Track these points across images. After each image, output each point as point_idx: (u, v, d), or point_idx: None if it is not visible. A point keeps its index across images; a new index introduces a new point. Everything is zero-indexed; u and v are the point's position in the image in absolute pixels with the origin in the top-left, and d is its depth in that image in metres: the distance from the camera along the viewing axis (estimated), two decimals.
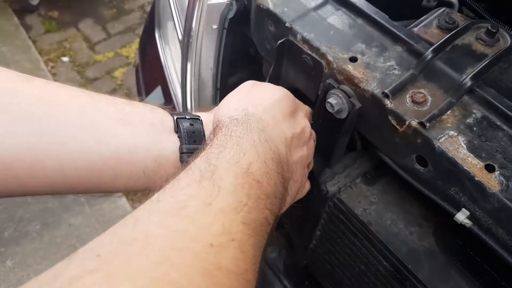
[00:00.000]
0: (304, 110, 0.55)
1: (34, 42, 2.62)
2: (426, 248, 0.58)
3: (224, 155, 0.37)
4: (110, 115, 0.42)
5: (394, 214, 0.60)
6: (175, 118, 0.47)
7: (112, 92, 2.41)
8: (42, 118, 0.38)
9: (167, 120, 0.47)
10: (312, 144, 0.55)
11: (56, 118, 0.39)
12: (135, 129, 0.43)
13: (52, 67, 2.51)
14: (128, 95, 2.38)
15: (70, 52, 2.60)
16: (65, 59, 2.56)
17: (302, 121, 0.52)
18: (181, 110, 0.90)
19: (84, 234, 1.80)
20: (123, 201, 1.91)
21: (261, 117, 0.45)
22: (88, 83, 2.45)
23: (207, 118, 0.50)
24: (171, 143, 0.45)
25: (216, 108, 0.50)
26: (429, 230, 0.59)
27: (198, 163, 0.37)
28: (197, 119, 0.49)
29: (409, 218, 0.60)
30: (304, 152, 0.50)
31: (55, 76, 2.46)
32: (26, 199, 1.89)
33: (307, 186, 0.56)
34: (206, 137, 0.47)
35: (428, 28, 0.57)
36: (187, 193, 0.33)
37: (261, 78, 0.78)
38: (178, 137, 0.46)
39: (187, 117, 0.48)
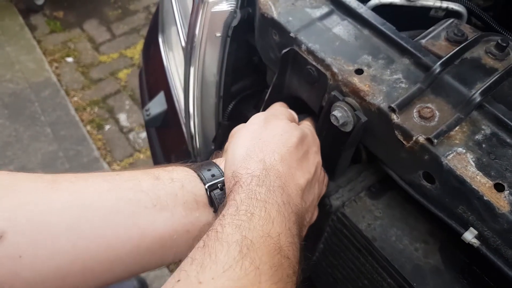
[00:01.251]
0: (316, 144, 0.54)
1: (38, 42, 2.62)
2: (431, 265, 0.56)
3: (255, 224, 0.37)
4: (142, 203, 0.42)
5: (399, 230, 0.59)
6: (207, 188, 0.46)
7: (116, 93, 2.40)
8: (79, 226, 0.39)
9: (199, 193, 0.46)
10: (323, 177, 0.55)
11: (92, 222, 0.40)
12: (170, 214, 0.44)
13: (57, 68, 2.51)
14: (132, 97, 2.38)
15: (75, 53, 2.60)
16: (70, 59, 2.56)
17: (315, 160, 0.51)
18: (183, 116, 0.89)
19: None
20: None
21: (279, 170, 0.44)
22: (92, 84, 2.45)
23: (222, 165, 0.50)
24: (208, 216, 0.46)
25: (228, 153, 0.48)
26: (435, 246, 0.58)
27: (230, 232, 0.36)
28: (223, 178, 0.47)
29: (415, 234, 0.58)
30: (316, 191, 0.50)
31: (59, 77, 2.46)
32: None
33: (316, 213, 0.55)
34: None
35: (436, 40, 0.55)
36: (230, 277, 0.33)
37: (264, 86, 0.77)
38: (214, 211, 0.46)
39: (218, 184, 0.47)
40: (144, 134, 2.22)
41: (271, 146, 0.46)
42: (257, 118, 0.51)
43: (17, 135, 2.14)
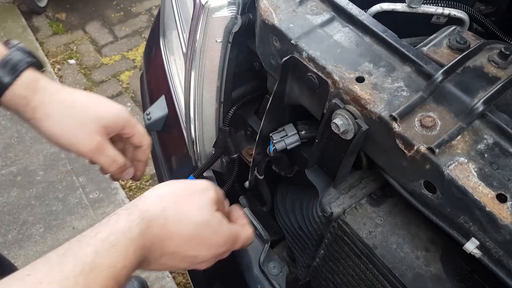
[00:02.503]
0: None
1: (41, 44, 2.63)
2: (433, 274, 0.56)
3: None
4: None
5: (400, 237, 0.58)
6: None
7: (118, 95, 2.41)
8: None
9: None
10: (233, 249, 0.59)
11: None
12: None
13: (59, 70, 2.52)
14: (133, 99, 2.38)
15: (77, 55, 2.60)
16: (72, 61, 2.57)
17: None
18: (184, 122, 0.89)
19: None
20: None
21: (173, 236, 0.51)
22: (94, 86, 2.45)
23: None
24: None
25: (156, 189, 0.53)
26: (436, 254, 0.57)
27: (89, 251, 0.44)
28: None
29: (416, 242, 0.58)
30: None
31: (61, 78, 2.47)
32: (30, 201, 1.90)
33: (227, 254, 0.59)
34: None
35: (438, 47, 0.55)
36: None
37: (265, 92, 0.77)
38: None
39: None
40: None
41: (173, 224, 0.51)
42: (181, 188, 0.55)
43: (19, 136, 2.15)
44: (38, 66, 0.60)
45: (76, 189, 1.96)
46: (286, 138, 0.66)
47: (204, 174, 0.90)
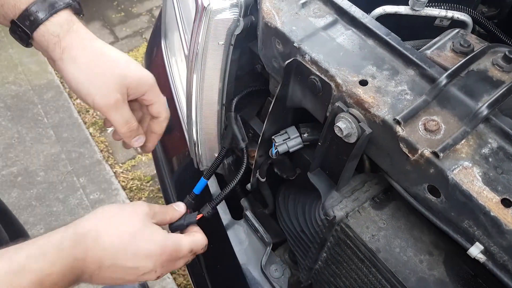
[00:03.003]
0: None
1: None
2: (436, 277, 0.56)
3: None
4: None
5: (403, 241, 0.58)
6: None
7: None
8: None
9: None
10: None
11: None
12: None
13: None
14: None
15: None
16: None
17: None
18: (186, 124, 0.88)
19: None
20: None
21: (105, 246, 0.54)
22: None
23: None
24: None
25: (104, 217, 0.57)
26: (439, 258, 0.57)
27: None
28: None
29: (419, 246, 0.58)
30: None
31: (62, 79, 2.47)
32: (31, 202, 1.90)
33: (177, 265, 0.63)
34: None
35: (441, 51, 0.55)
36: None
37: (267, 94, 0.77)
38: None
39: None
40: None
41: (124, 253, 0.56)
42: (136, 221, 0.58)
43: (20, 137, 2.14)
44: (77, 10, 0.60)
45: (76, 190, 1.96)
46: (288, 141, 0.66)
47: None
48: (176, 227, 0.67)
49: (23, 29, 0.56)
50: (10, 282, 0.46)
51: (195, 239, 0.64)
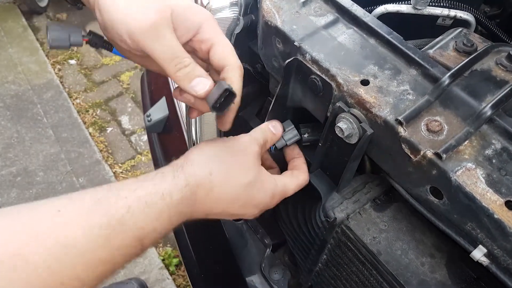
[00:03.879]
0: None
1: (41, 44, 2.62)
2: (438, 280, 0.55)
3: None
4: None
5: (405, 243, 0.57)
6: None
7: (119, 96, 2.40)
8: None
9: None
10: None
11: None
12: None
13: (59, 70, 2.51)
14: (134, 99, 2.37)
15: (78, 55, 2.60)
16: (72, 61, 2.56)
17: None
18: (185, 124, 0.88)
19: None
20: None
21: (220, 197, 0.50)
22: (94, 86, 2.44)
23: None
24: None
25: (211, 156, 0.51)
26: (441, 261, 0.56)
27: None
28: None
29: (421, 248, 0.57)
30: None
31: (61, 79, 2.46)
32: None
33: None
34: None
35: (444, 50, 0.54)
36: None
37: (267, 94, 0.76)
38: None
39: None
40: (145, 137, 2.22)
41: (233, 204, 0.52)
42: (244, 182, 0.53)
43: (19, 136, 2.14)
44: None
45: (76, 190, 1.94)
46: (284, 134, 0.64)
47: None
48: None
49: None
50: (106, 238, 0.41)
51: (299, 183, 0.60)
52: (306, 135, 0.67)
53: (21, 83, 2.37)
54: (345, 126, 0.51)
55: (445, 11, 0.61)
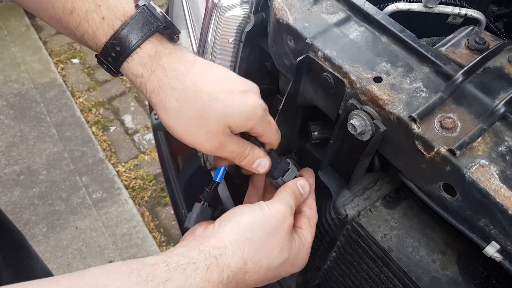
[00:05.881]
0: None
1: (44, 43, 2.63)
2: (449, 277, 0.55)
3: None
4: None
5: (415, 240, 0.57)
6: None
7: (122, 95, 2.40)
8: None
9: None
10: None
11: None
12: None
13: (62, 69, 2.51)
14: (137, 98, 2.38)
15: (81, 54, 2.60)
16: (75, 60, 2.56)
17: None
18: None
19: (91, 238, 1.79)
20: (130, 205, 1.90)
21: (249, 283, 0.48)
22: (97, 85, 2.45)
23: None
24: None
25: (228, 224, 0.49)
26: (452, 258, 0.57)
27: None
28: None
29: (432, 245, 0.57)
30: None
31: (65, 78, 2.46)
32: (33, 201, 1.89)
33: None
34: None
35: (456, 48, 0.54)
36: None
37: (277, 92, 0.76)
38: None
39: None
40: (148, 136, 2.22)
41: (260, 261, 0.49)
42: (263, 225, 0.50)
43: (22, 135, 2.14)
44: (169, 33, 0.50)
45: (79, 188, 1.95)
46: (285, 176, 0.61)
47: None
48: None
49: (108, 66, 0.50)
50: None
51: (314, 230, 0.59)
52: (316, 133, 0.67)
53: (24, 82, 2.38)
54: (357, 123, 0.51)
55: (456, 9, 0.61)
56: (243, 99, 0.51)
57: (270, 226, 0.50)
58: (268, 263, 0.49)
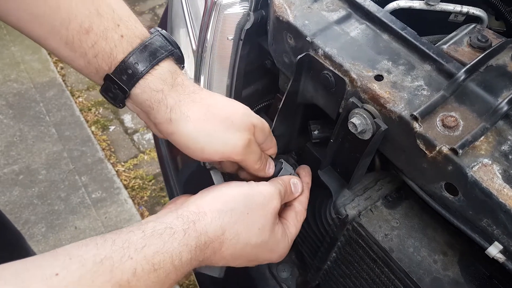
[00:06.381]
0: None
1: None
2: (451, 278, 0.54)
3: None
4: None
5: (417, 241, 0.57)
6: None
7: None
8: None
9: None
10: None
11: None
12: None
13: (62, 68, 2.51)
14: None
15: None
16: None
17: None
18: None
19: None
20: (129, 205, 1.90)
21: (225, 256, 0.48)
22: (97, 85, 2.44)
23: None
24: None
25: (212, 190, 0.50)
26: (454, 258, 0.56)
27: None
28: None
29: (433, 245, 0.57)
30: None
31: (64, 77, 2.46)
32: (32, 200, 1.88)
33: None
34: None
35: (458, 46, 0.53)
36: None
37: (277, 91, 0.75)
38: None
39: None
40: (148, 135, 2.21)
41: (239, 236, 0.49)
42: (244, 200, 0.51)
43: (22, 135, 2.13)
44: (179, 59, 0.52)
45: (78, 188, 1.95)
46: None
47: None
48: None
49: (120, 85, 0.48)
50: None
51: (299, 226, 0.59)
52: (316, 132, 0.66)
53: (23, 82, 2.37)
54: (358, 121, 0.50)
55: (458, 7, 0.61)
56: (254, 114, 0.56)
57: (254, 202, 0.50)
58: (246, 237, 0.49)
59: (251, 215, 0.49)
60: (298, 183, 0.60)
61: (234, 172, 0.62)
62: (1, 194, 1.89)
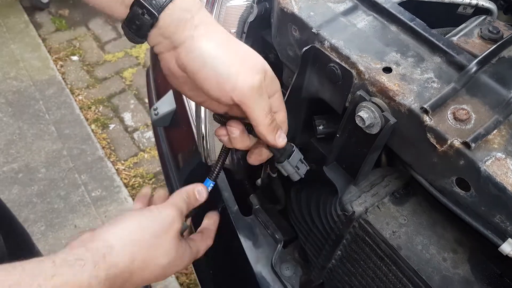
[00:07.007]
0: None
1: (43, 40, 2.60)
2: (460, 276, 0.53)
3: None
4: None
5: (425, 238, 0.55)
6: None
7: (121, 92, 2.38)
8: None
9: None
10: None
11: None
12: None
13: (61, 66, 2.49)
14: (136, 96, 2.35)
15: (80, 51, 2.57)
16: (75, 58, 2.54)
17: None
18: (194, 117, 0.86)
19: None
20: (129, 203, 1.88)
21: (135, 282, 0.50)
22: (97, 82, 2.42)
23: None
24: None
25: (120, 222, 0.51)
26: (464, 256, 0.54)
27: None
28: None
29: (442, 243, 0.55)
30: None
31: (64, 75, 2.44)
32: (32, 199, 1.87)
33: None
34: None
35: (469, 37, 0.52)
36: None
37: (280, 85, 0.74)
38: None
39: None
40: (148, 134, 2.20)
41: (142, 265, 0.50)
42: (150, 229, 0.52)
43: (21, 133, 2.12)
44: None
45: (78, 187, 1.93)
46: (290, 160, 0.60)
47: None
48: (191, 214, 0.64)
49: (150, 10, 0.47)
50: None
51: (208, 244, 0.63)
52: (321, 127, 0.65)
53: (23, 79, 2.35)
54: (366, 115, 0.49)
55: None
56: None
57: (158, 229, 0.53)
58: (154, 262, 0.51)
59: (156, 241, 0.52)
60: (203, 190, 0.62)
61: (241, 129, 0.57)
62: (1, 193, 1.88)
